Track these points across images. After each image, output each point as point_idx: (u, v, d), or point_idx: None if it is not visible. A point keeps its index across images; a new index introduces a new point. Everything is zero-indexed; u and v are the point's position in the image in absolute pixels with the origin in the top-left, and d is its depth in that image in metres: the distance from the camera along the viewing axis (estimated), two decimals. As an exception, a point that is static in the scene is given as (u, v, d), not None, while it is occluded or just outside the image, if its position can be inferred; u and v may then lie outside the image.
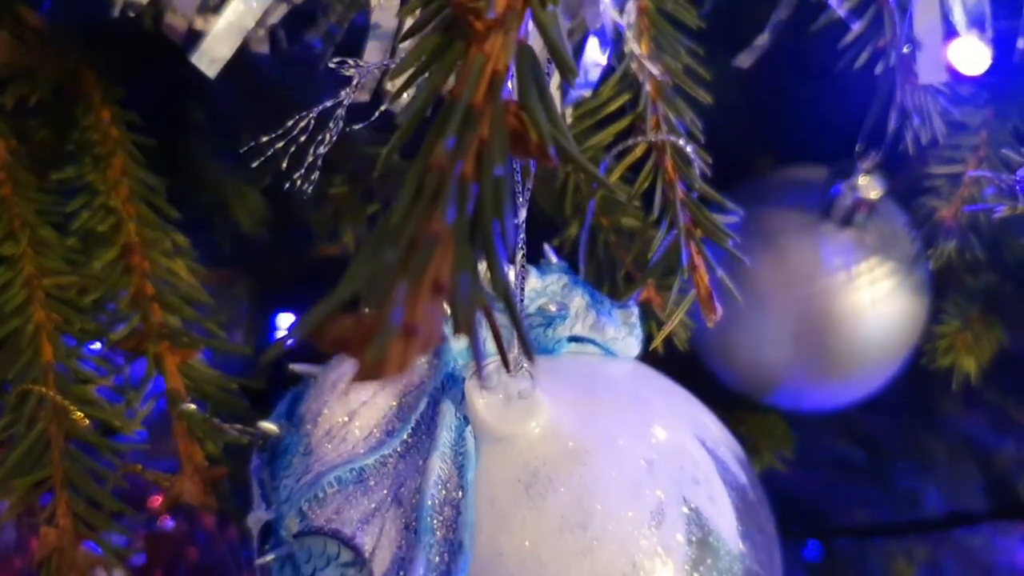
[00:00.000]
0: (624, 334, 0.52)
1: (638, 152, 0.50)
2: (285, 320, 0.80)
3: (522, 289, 0.42)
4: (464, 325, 0.25)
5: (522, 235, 0.40)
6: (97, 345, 0.59)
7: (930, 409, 1.04)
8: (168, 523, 0.75)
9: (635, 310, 0.53)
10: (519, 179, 0.39)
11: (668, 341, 0.64)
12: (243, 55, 0.74)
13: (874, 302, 0.67)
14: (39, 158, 0.66)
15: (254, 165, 0.42)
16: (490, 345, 0.50)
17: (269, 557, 0.45)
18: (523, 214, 0.39)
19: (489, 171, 0.26)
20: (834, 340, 0.67)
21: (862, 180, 0.65)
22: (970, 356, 0.71)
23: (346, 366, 0.49)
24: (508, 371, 0.39)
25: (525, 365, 0.45)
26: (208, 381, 0.54)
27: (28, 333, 0.53)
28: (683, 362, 0.62)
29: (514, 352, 0.45)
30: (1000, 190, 0.48)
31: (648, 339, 0.64)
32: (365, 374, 0.23)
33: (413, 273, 0.24)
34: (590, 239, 0.64)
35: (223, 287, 0.93)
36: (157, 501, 0.80)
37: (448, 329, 0.50)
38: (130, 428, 0.52)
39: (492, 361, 0.46)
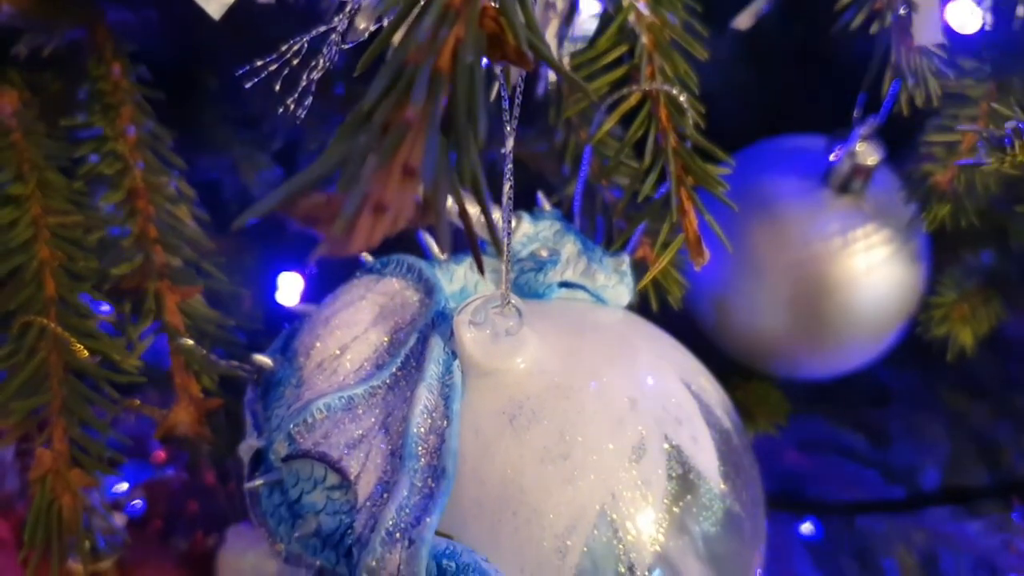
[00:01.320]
0: (615, 282, 0.53)
1: (632, 101, 0.51)
2: (287, 279, 0.81)
3: (510, 223, 0.43)
4: (432, 207, 0.26)
5: (509, 165, 0.41)
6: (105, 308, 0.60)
7: (934, 398, 1.04)
8: (168, 470, 0.76)
9: (626, 258, 0.53)
10: (507, 107, 0.40)
11: (663, 301, 0.65)
12: (253, 16, 0.75)
13: (869, 269, 0.67)
14: (51, 108, 0.67)
15: (248, 86, 0.43)
16: (470, 276, 0.51)
17: (258, 482, 0.46)
18: (510, 143, 0.40)
19: (464, 66, 0.27)
20: (829, 307, 0.68)
21: (859, 147, 0.66)
22: (966, 328, 0.71)
23: (339, 303, 0.50)
24: (480, 272, 0.40)
25: (513, 301, 0.46)
26: (207, 319, 0.55)
27: (32, 269, 0.55)
28: (679, 328, 0.62)
29: (503, 289, 0.46)
30: (988, 143, 0.48)
31: (644, 295, 0.65)
32: (332, 247, 0.24)
33: (384, 155, 0.25)
34: (589, 199, 0.65)
35: (233, 256, 0.95)
36: (160, 456, 0.82)
37: (440, 271, 0.51)
38: (128, 362, 0.53)
39: (479, 298, 0.47)
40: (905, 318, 0.71)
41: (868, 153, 0.66)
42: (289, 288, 0.82)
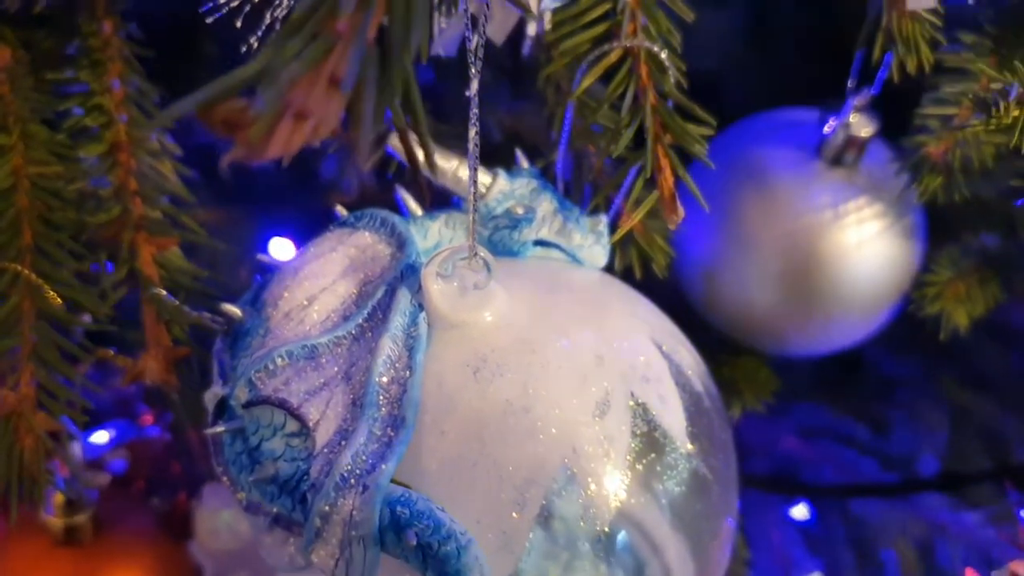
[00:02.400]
0: (591, 242, 0.52)
1: (613, 57, 0.50)
2: (277, 245, 0.81)
3: (476, 170, 0.42)
4: (357, 119, 0.25)
5: (475, 110, 0.40)
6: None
7: (937, 388, 1.03)
8: (154, 432, 0.76)
9: (604, 219, 0.53)
10: (471, 48, 0.39)
11: (649, 272, 0.64)
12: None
13: (861, 244, 0.66)
14: (42, 65, 0.67)
15: (208, 21, 0.43)
16: (444, 232, 0.51)
17: (219, 428, 0.46)
18: (475, 86, 0.39)
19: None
20: (819, 280, 0.67)
21: (853, 118, 0.65)
22: (960, 307, 0.70)
23: (310, 254, 0.50)
24: (423, 198, 0.39)
25: (481, 254, 0.46)
26: (182, 271, 0.55)
27: (9, 217, 0.55)
28: (668, 301, 0.61)
29: (470, 241, 0.45)
30: (974, 103, 0.47)
31: (629, 266, 0.64)
32: (247, 151, 0.24)
33: (308, 62, 0.25)
34: (575, 167, 0.64)
35: (230, 227, 0.95)
36: (147, 419, 0.81)
37: (415, 227, 0.51)
38: (99, 310, 0.53)
39: (447, 249, 0.46)
40: (898, 296, 0.70)
41: (862, 124, 0.65)
42: (279, 253, 0.82)
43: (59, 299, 0.52)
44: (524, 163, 0.53)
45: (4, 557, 0.65)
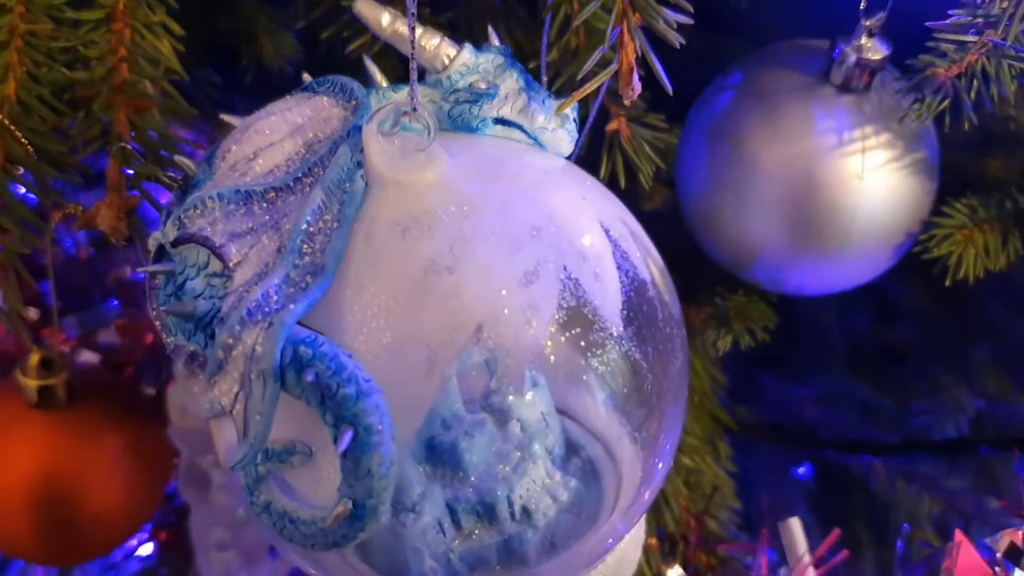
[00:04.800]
0: (555, 125, 0.51)
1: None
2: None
3: (415, 15, 0.41)
4: None
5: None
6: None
7: (963, 362, 1.00)
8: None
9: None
10: None
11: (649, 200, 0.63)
12: None
13: (864, 173, 0.63)
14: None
15: None
16: (391, 94, 0.50)
17: (151, 268, 0.46)
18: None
19: None
20: (817, 209, 0.64)
21: (864, 40, 0.62)
22: (972, 251, 0.66)
23: (264, 112, 0.50)
24: None
25: (424, 113, 0.45)
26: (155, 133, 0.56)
27: (-4, 70, 0.56)
28: (666, 234, 0.59)
29: (410, 91, 0.45)
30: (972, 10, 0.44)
31: (613, 175, 0.62)
32: None
33: None
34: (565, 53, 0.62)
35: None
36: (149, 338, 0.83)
37: (375, 96, 0.50)
38: (70, 163, 0.54)
39: (390, 104, 0.45)
40: (903, 235, 0.66)
41: (873, 48, 0.62)
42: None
43: (30, 147, 0.53)
44: (494, 40, 0.52)
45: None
